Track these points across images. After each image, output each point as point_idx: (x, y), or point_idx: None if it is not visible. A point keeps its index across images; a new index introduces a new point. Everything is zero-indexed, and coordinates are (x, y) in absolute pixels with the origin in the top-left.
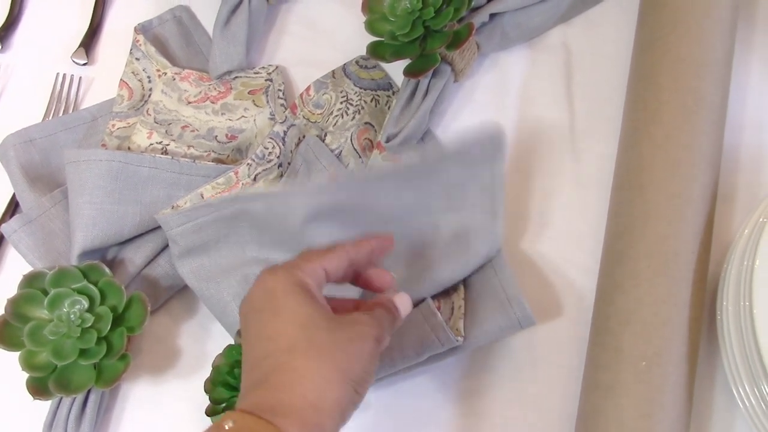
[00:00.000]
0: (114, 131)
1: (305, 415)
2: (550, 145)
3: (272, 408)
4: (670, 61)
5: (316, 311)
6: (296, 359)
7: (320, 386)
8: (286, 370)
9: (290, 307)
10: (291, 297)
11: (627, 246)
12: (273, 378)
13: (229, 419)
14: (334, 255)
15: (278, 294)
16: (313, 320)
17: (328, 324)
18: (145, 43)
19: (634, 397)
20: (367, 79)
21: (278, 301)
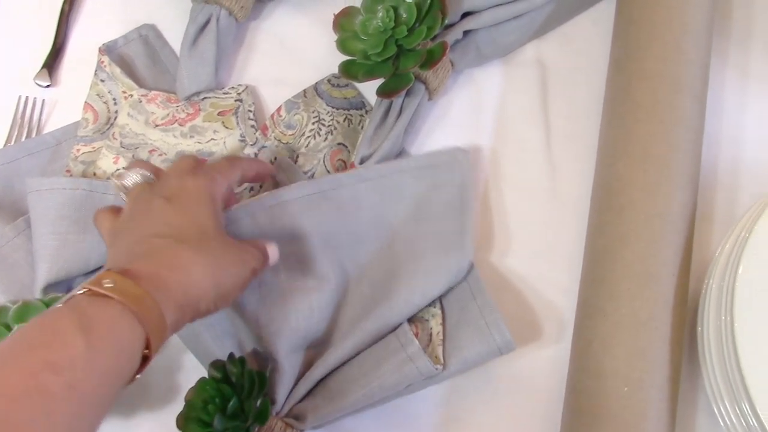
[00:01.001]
0: (79, 156)
1: (177, 297)
2: (526, 161)
3: (151, 279)
4: (646, 77)
5: (216, 225)
6: (185, 251)
7: (196, 280)
8: (173, 255)
9: (198, 212)
10: (202, 204)
11: (607, 269)
12: (158, 256)
13: (108, 278)
14: (236, 172)
15: (192, 196)
16: (211, 230)
17: (221, 239)
18: (110, 64)
19: (618, 424)
20: (339, 98)
21: (190, 201)
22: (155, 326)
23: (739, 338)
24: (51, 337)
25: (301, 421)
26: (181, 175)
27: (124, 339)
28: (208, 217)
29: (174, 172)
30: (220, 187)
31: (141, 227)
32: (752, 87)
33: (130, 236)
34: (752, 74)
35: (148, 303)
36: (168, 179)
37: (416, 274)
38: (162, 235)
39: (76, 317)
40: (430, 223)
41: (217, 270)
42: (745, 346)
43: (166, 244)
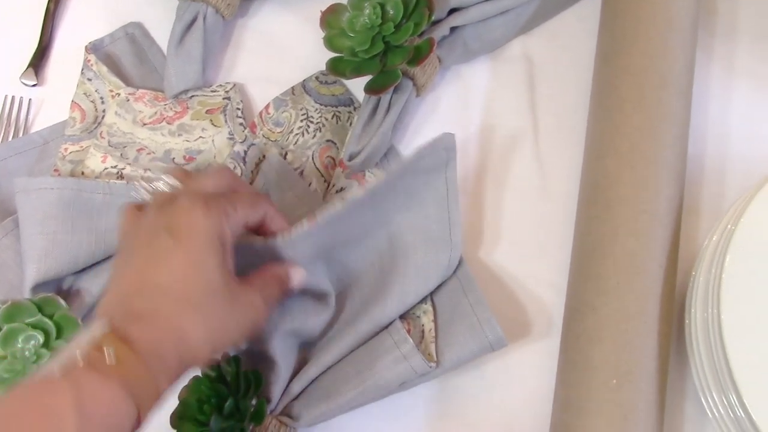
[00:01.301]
0: (67, 155)
1: (174, 366)
2: (514, 157)
3: (151, 352)
4: (632, 73)
5: (222, 276)
6: (188, 315)
7: (195, 346)
8: (175, 319)
9: (205, 261)
10: (210, 251)
11: (596, 263)
12: (160, 319)
13: (109, 346)
14: (258, 213)
15: (200, 239)
16: (215, 285)
17: (225, 293)
18: (97, 63)
19: (607, 416)
20: (327, 95)
21: (197, 245)
22: (148, 401)
23: (726, 330)
24: (45, 418)
25: (295, 420)
26: (194, 206)
27: (117, 420)
28: (214, 267)
29: (188, 196)
30: (234, 226)
31: (143, 267)
32: (737, 82)
33: (133, 275)
34: (737, 69)
35: (145, 380)
36: (179, 206)
37: (407, 272)
38: (165, 290)
39: (72, 396)
40: (419, 218)
41: (218, 332)
42: (732, 338)
43: (168, 305)
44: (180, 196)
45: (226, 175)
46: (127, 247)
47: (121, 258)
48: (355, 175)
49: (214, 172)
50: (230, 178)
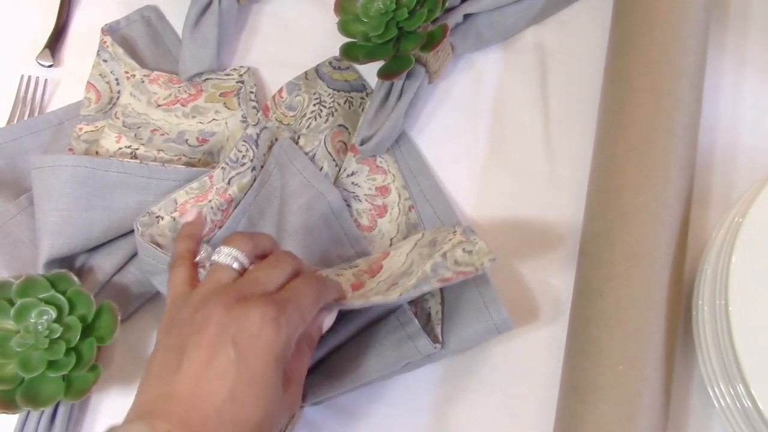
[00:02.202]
0: (81, 135)
1: None
2: (525, 145)
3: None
4: (645, 63)
5: (279, 395)
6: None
7: None
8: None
9: (267, 383)
10: (276, 375)
11: (604, 249)
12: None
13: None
14: (319, 305)
15: (267, 360)
16: (273, 407)
17: (279, 408)
18: (113, 45)
19: (613, 401)
20: (340, 80)
21: (263, 367)
22: None
23: (734, 321)
24: None
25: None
26: (265, 322)
27: None
28: (276, 392)
29: (262, 305)
30: (299, 332)
31: (202, 376)
32: (748, 74)
33: (188, 381)
34: (749, 62)
35: None
36: (248, 315)
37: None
38: (223, 416)
39: None
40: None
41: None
42: (740, 329)
43: (224, 427)
44: (251, 303)
45: (292, 263)
46: (180, 332)
47: (173, 342)
48: (366, 160)
49: (281, 263)
50: (296, 264)
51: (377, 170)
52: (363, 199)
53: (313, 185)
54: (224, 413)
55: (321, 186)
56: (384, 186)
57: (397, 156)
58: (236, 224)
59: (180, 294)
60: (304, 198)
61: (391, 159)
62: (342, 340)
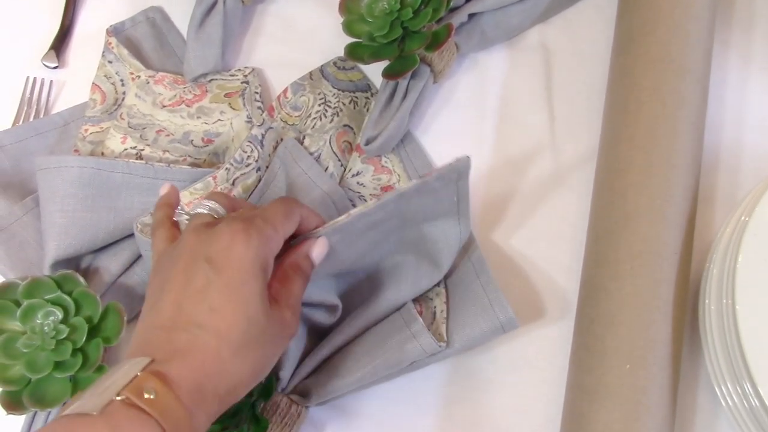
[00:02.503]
0: (87, 136)
1: (213, 407)
2: (530, 144)
3: (191, 392)
4: (649, 61)
5: (262, 307)
6: (230, 356)
7: (236, 384)
8: (216, 359)
9: (246, 293)
10: (253, 282)
11: (609, 248)
12: (201, 358)
13: (150, 385)
14: (293, 222)
15: (241, 271)
16: (257, 317)
17: (264, 323)
18: (118, 46)
19: (620, 401)
20: (345, 80)
21: (238, 277)
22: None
23: (741, 320)
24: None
25: (305, 398)
26: (235, 235)
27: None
28: (255, 299)
29: (229, 222)
30: (273, 250)
31: (182, 299)
32: (754, 72)
33: (170, 307)
34: (754, 60)
35: (184, 422)
36: (218, 233)
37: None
38: (206, 326)
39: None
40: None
41: (258, 361)
42: (747, 328)
43: (209, 341)
44: (219, 223)
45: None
46: (162, 273)
47: (156, 284)
48: (371, 160)
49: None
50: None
51: (382, 170)
52: (368, 199)
53: (318, 185)
54: (206, 324)
55: (326, 186)
56: (389, 186)
57: (402, 156)
58: None
59: (162, 250)
60: (309, 198)
61: (396, 159)
62: (346, 339)
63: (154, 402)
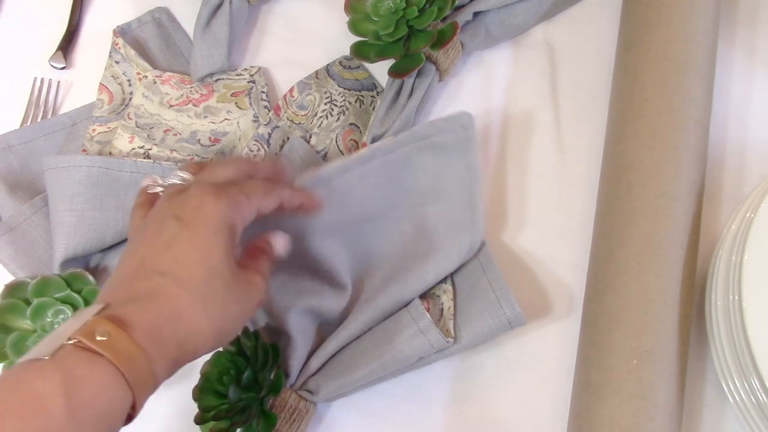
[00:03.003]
0: (95, 136)
1: (172, 352)
2: (535, 142)
3: (146, 332)
4: (654, 59)
5: (227, 261)
6: (188, 299)
7: (196, 331)
8: (174, 303)
9: (211, 245)
10: (218, 236)
11: (616, 244)
12: (158, 301)
13: (102, 327)
14: (272, 200)
15: (207, 224)
16: (220, 269)
17: (229, 278)
18: (125, 46)
19: (626, 396)
20: (350, 79)
21: (204, 230)
22: (144, 386)
23: (748, 316)
24: (30, 402)
25: (314, 394)
26: (204, 194)
27: (109, 404)
28: (219, 252)
29: (200, 185)
30: (244, 215)
31: (147, 253)
32: (759, 69)
33: (135, 259)
34: (759, 56)
35: (140, 363)
36: (189, 195)
37: (428, 253)
38: (166, 273)
39: (60, 378)
40: (441, 202)
41: (220, 316)
42: (754, 324)
43: (169, 287)
44: (191, 186)
45: (241, 164)
46: (134, 240)
47: (129, 247)
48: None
49: (228, 162)
50: (245, 166)
51: None
52: None
53: None
54: (167, 272)
55: None
56: None
57: None
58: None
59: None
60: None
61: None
62: (354, 334)
63: (106, 343)
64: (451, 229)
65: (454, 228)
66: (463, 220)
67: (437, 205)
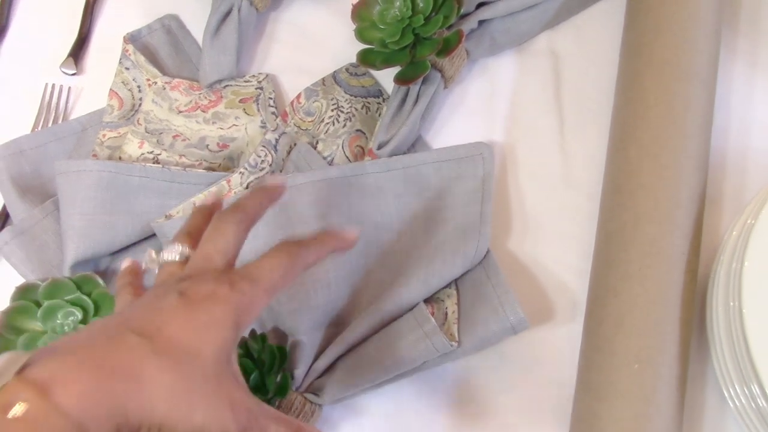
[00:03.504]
0: (105, 141)
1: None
2: (539, 148)
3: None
4: (656, 65)
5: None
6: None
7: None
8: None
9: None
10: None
11: (618, 249)
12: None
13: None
14: (293, 275)
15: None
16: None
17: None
18: (135, 53)
19: (628, 399)
20: (357, 86)
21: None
22: None
23: (748, 322)
24: None
25: (319, 396)
26: (218, 283)
27: None
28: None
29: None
30: (254, 314)
31: (132, 313)
32: (760, 78)
33: (113, 318)
34: (760, 66)
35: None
36: (199, 280)
37: (434, 258)
38: (143, 335)
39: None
40: (450, 210)
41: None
42: (754, 330)
43: (138, 347)
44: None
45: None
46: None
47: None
48: None
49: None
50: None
51: None
52: None
53: None
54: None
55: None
56: None
57: None
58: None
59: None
60: None
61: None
62: (359, 338)
63: (21, 422)
64: (458, 238)
65: (461, 237)
66: (470, 230)
67: (446, 214)
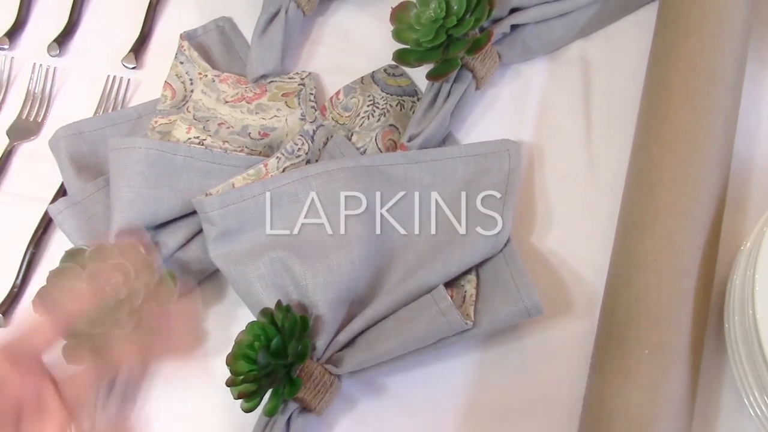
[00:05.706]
0: (156, 127)
1: None
2: (566, 151)
3: None
4: (682, 69)
5: None
6: None
7: None
8: None
9: None
10: None
11: (635, 241)
12: None
13: None
14: None
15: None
16: None
17: None
18: (189, 49)
19: (638, 385)
20: (394, 85)
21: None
22: None
23: (763, 330)
24: None
25: (339, 368)
26: None
27: None
28: None
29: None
30: None
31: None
32: None
33: None
34: None
35: None
36: None
37: (457, 245)
38: None
39: None
40: (474, 201)
41: None
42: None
43: None
44: None
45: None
46: None
47: None
48: None
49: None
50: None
51: None
52: None
53: None
54: None
55: None
56: None
57: None
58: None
59: None
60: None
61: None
62: (380, 314)
63: None
64: (481, 224)
65: (484, 224)
66: (493, 218)
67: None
